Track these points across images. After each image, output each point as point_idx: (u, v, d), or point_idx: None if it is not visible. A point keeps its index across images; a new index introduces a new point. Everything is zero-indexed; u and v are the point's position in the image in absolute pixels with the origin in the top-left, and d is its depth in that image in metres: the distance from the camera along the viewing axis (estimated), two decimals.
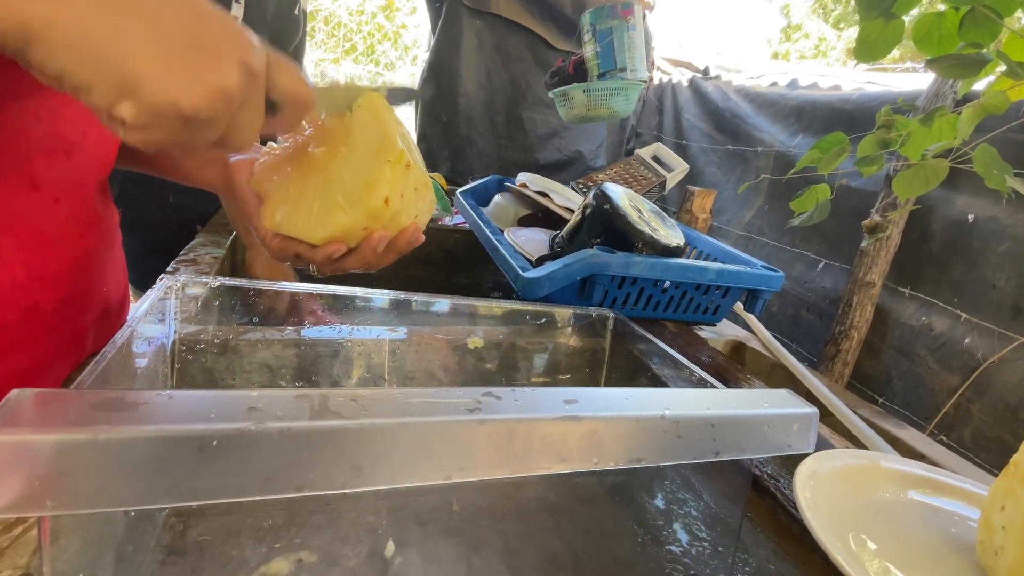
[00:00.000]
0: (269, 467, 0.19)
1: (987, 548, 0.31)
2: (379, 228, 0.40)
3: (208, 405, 0.20)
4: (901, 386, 1.11)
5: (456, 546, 0.39)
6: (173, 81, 0.25)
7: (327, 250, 0.40)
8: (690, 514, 0.45)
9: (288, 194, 0.40)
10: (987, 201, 1.01)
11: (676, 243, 0.72)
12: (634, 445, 0.26)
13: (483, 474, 0.23)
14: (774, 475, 0.41)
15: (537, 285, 0.63)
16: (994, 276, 0.98)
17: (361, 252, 0.41)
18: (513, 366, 0.55)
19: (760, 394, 0.32)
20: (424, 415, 0.22)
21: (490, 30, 1.77)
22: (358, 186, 0.37)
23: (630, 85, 0.99)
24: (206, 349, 0.42)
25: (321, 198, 0.38)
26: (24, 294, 0.38)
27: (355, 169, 0.37)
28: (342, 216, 0.38)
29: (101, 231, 0.45)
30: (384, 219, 0.39)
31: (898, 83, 1.35)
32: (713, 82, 1.86)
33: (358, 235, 0.40)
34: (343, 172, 0.37)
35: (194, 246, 0.68)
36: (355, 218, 0.38)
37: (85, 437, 0.17)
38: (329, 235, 0.38)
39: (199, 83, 0.26)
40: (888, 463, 0.41)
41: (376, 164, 0.37)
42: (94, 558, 0.27)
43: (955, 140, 0.69)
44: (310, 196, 0.38)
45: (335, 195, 0.37)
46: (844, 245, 1.26)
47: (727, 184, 1.69)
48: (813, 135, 1.40)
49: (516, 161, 1.84)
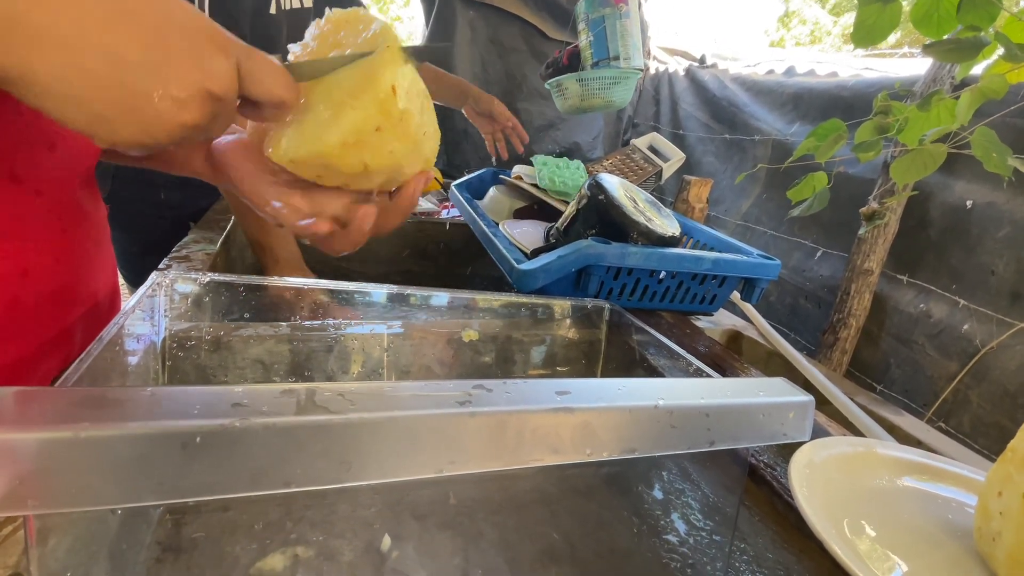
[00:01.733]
0: (255, 463, 0.19)
1: (984, 534, 0.31)
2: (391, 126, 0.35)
3: (192, 401, 0.19)
4: (899, 373, 1.12)
5: (453, 539, 0.39)
6: (133, 121, 0.26)
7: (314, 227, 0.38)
8: (687, 503, 0.44)
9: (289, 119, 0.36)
10: (985, 187, 1.01)
11: (672, 233, 0.72)
12: (627, 436, 0.26)
13: (475, 467, 0.23)
14: (771, 464, 0.41)
15: (532, 277, 0.63)
16: (993, 262, 0.97)
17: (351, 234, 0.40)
18: (509, 359, 0.54)
19: (755, 383, 0.32)
20: (413, 409, 0.22)
21: (484, 21, 1.75)
22: (360, 81, 0.34)
23: (624, 74, 0.98)
24: (197, 346, 0.42)
25: (324, 102, 0.35)
26: (5, 288, 0.37)
27: (355, 69, 0.34)
28: (351, 113, 0.34)
29: (86, 226, 0.44)
30: (395, 115, 0.35)
31: (895, 68, 1.35)
32: (710, 71, 1.84)
33: (373, 144, 0.36)
34: (341, 75, 0.35)
35: (187, 243, 0.67)
36: (365, 113, 0.35)
37: (66, 435, 0.17)
38: (341, 137, 0.35)
39: (160, 121, 0.27)
40: (884, 450, 0.41)
41: (378, 61, 0.34)
42: (87, 556, 0.27)
43: (953, 125, 0.68)
44: (313, 107, 0.35)
45: (339, 96, 0.34)
46: (842, 233, 1.25)
47: (724, 173, 1.68)
48: (810, 122, 1.39)
49: (512, 153, 1.83)
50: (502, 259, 0.68)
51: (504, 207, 1.02)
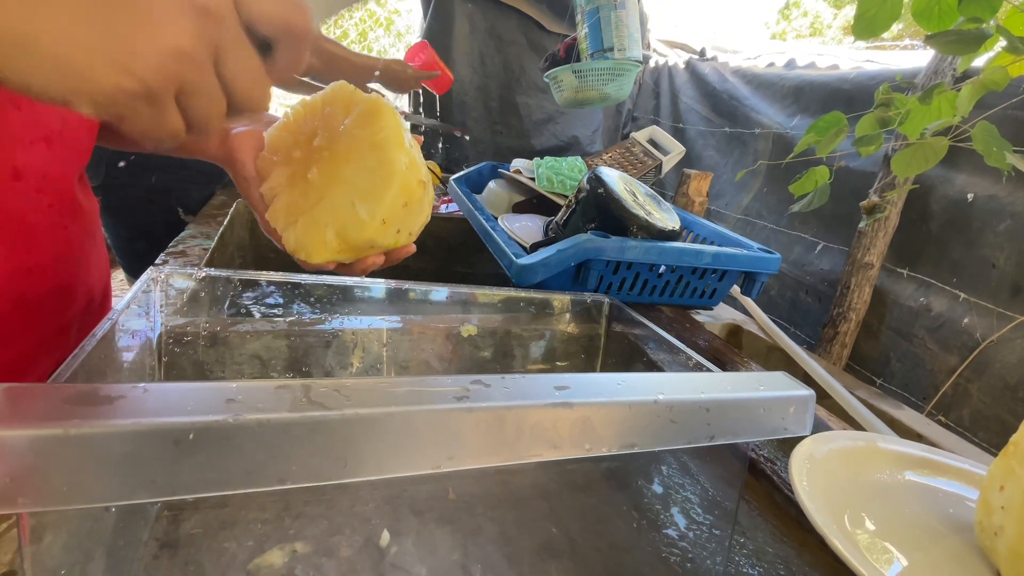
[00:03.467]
0: (249, 460, 0.19)
1: (986, 528, 0.31)
2: (377, 251, 0.41)
3: (185, 398, 0.19)
4: (899, 367, 1.11)
5: (452, 534, 0.39)
6: (107, 61, 0.22)
7: (322, 265, 0.41)
8: (687, 498, 0.44)
9: (290, 197, 0.40)
10: (987, 180, 1.00)
11: (672, 227, 0.71)
12: (627, 431, 0.26)
13: (473, 463, 0.23)
14: (771, 458, 0.41)
15: (531, 271, 0.62)
16: (994, 255, 0.97)
17: (353, 270, 0.43)
18: (508, 353, 0.54)
19: (756, 377, 0.32)
20: (410, 404, 0.22)
21: (482, 14, 1.74)
22: (348, 224, 0.38)
23: (620, 65, 0.97)
24: (194, 341, 0.41)
25: (315, 223, 0.39)
26: (11, 286, 0.37)
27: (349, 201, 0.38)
28: (327, 254, 0.39)
29: (83, 221, 0.44)
30: (385, 244, 0.40)
31: (896, 61, 1.34)
32: (710, 64, 1.83)
33: (347, 260, 0.42)
34: (347, 198, 0.38)
35: (183, 237, 0.67)
36: (341, 257, 0.40)
37: (56, 432, 0.17)
38: (328, 260, 0.40)
39: (138, 54, 0.23)
40: (885, 444, 0.41)
41: (380, 193, 0.37)
42: (83, 554, 0.26)
43: (954, 118, 0.68)
44: (307, 216, 0.39)
45: (326, 226, 0.38)
46: (842, 227, 1.25)
47: (725, 167, 1.67)
48: (811, 115, 1.38)
49: (512, 147, 1.82)
50: (501, 253, 0.68)
51: (503, 201, 1.02)
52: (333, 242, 0.38)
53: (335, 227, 0.38)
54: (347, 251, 0.39)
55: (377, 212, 0.37)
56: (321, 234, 0.38)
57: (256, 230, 0.95)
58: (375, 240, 0.38)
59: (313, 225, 0.38)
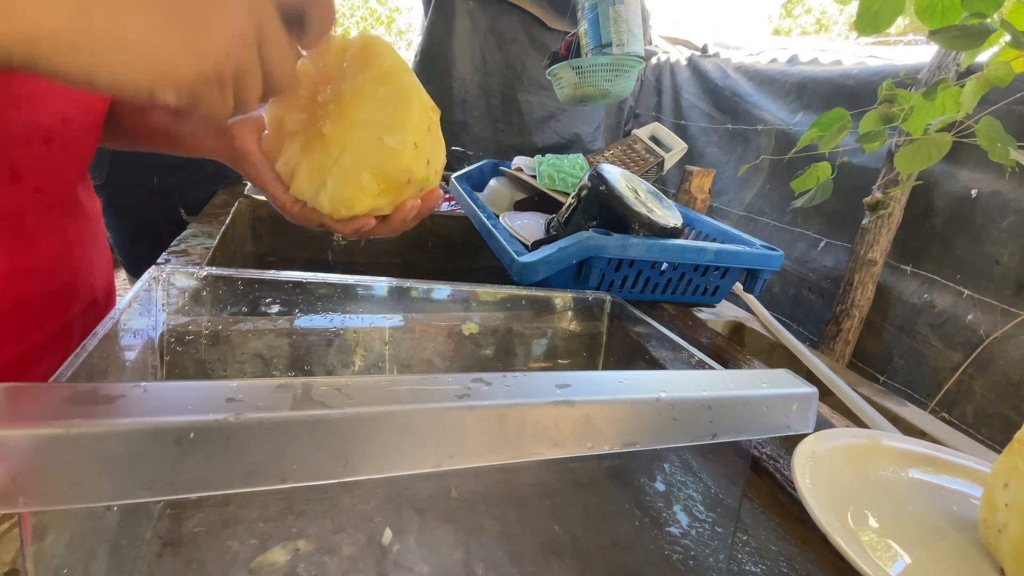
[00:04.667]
0: (250, 459, 0.19)
1: (990, 526, 0.31)
2: (413, 189, 0.40)
3: (186, 397, 0.19)
4: (902, 364, 1.11)
5: (454, 532, 0.39)
6: (185, 50, 0.25)
7: (355, 224, 0.40)
8: (689, 496, 0.44)
9: (311, 161, 0.39)
10: (990, 176, 1.00)
11: (674, 224, 0.71)
12: (629, 429, 0.26)
13: (474, 461, 0.23)
14: (773, 456, 0.41)
15: (533, 269, 0.62)
16: (997, 252, 0.97)
17: (391, 222, 0.41)
18: (510, 352, 0.54)
19: (758, 374, 0.32)
20: (411, 403, 0.21)
21: (483, 11, 1.73)
22: (381, 160, 0.37)
23: (619, 61, 0.96)
24: (196, 340, 0.41)
25: (346, 174, 0.38)
26: (11, 286, 0.37)
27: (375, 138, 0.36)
28: (368, 200, 0.38)
29: (84, 221, 0.44)
30: (411, 192, 0.39)
31: (900, 56, 1.33)
32: (712, 60, 1.83)
33: (386, 209, 0.40)
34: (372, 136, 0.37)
35: (185, 236, 0.67)
36: (381, 201, 0.39)
37: (56, 432, 0.17)
38: (371, 208, 0.39)
39: (207, 40, 0.25)
40: (889, 441, 0.41)
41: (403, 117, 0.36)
42: (85, 552, 0.26)
43: (958, 113, 0.67)
44: (336, 170, 0.38)
45: (360, 172, 0.37)
46: (845, 223, 1.24)
47: (727, 164, 1.67)
48: (814, 112, 1.38)
49: (513, 145, 1.82)
50: (502, 251, 0.68)
51: (504, 199, 1.02)
52: (371, 184, 0.37)
53: (369, 168, 0.37)
54: (386, 192, 0.38)
55: (407, 137, 0.36)
56: (356, 181, 0.37)
57: (258, 229, 0.95)
58: (411, 169, 0.37)
59: (345, 176, 0.37)
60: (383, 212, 0.40)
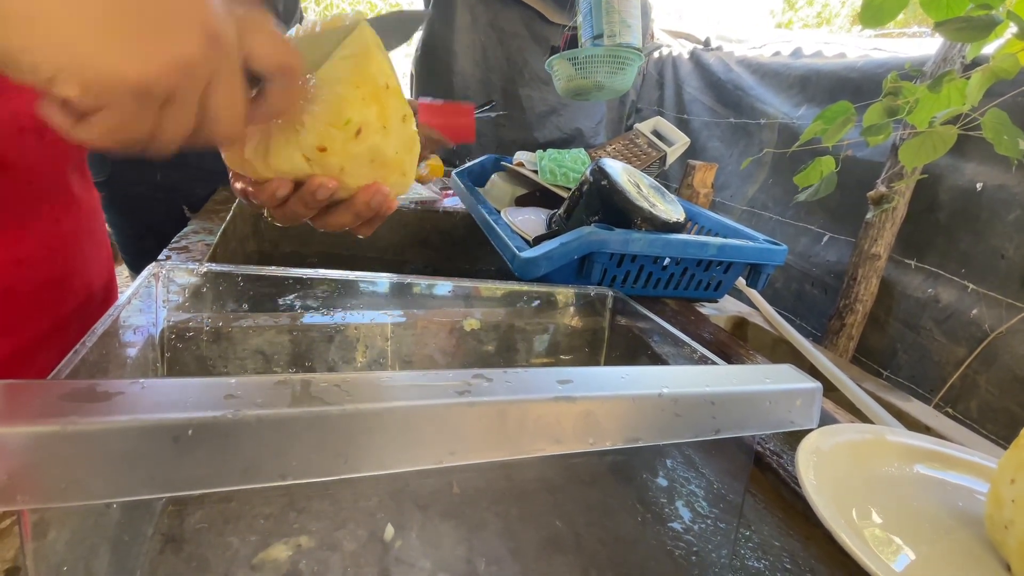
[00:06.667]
0: (249, 456, 0.19)
1: (996, 522, 0.31)
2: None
3: (184, 394, 0.19)
4: (907, 359, 1.11)
5: (456, 528, 0.39)
6: (116, 49, 0.22)
7: (271, 187, 0.34)
8: (692, 492, 0.44)
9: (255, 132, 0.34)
10: (996, 169, 0.99)
11: (676, 219, 0.71)
12: (631, 424, 0.26)
13: (474, 458, 0.23)
14: (777, 451, 0.41)
15: (534, 265, 0.62)
16: (1003, 246, 0.96)
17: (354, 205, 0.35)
18: (512, 347, 0.54)
19: (762, 370, 0.31)
20: (411, 399, 0.21)
21: (484, 5, 1.72)
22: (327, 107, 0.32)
23: (611, 52, 0.95)
24: (196, 337, 0.41)
25: (280, 129, 0.33)
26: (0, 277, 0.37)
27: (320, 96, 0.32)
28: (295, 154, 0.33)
29: (79, 214, 0.44)
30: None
31: (905, 49, 1.32)
32: (714, 53, 1.81)
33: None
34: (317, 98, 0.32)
35: (186, 233, 0.67)
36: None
37: (53, 429, 0.17)
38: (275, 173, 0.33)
39: (150, 51, 0.22)
40: (894, 437, 0.40)
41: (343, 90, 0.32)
42: (87, 549, 0.26)
43: (964, 106, 0.67)
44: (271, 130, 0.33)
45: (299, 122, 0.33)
46: (849, 218, 1.24)
47: (730, 158, 1.66)
48: (818, 105, 1.37)
49: (515, 140, 1.81)
50: (504, 247, 0.67)
51: (506, 194, 1.01)
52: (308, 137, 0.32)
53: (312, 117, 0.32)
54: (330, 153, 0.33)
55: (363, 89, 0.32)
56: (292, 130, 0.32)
57: (259, 225, 0.95)
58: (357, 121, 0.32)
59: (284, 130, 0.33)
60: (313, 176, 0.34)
